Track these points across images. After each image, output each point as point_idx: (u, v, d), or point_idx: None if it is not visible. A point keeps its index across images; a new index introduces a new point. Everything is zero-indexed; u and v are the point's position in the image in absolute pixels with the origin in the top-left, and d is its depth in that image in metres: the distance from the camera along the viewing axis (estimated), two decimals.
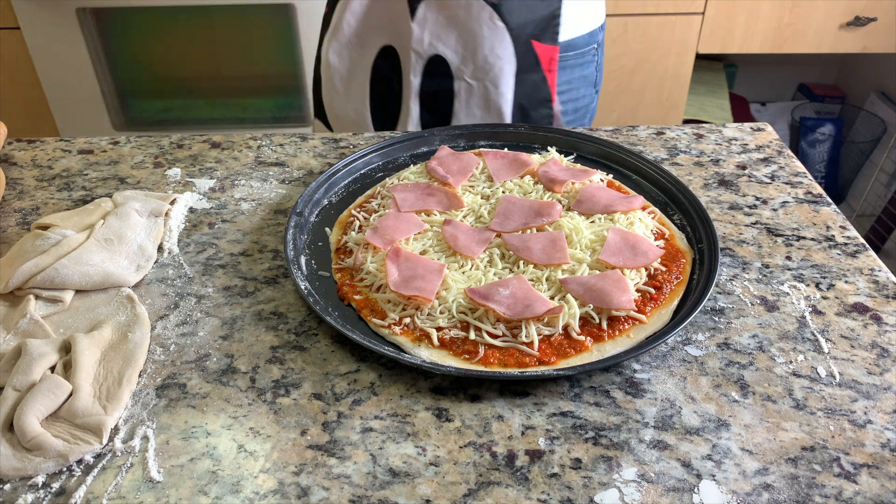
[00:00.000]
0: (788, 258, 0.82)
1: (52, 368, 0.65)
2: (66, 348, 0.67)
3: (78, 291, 0.76)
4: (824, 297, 0.76)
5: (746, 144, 1.03)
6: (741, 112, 2.57)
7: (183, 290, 0.78)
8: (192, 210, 0.91)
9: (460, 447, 0.61)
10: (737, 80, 2.66)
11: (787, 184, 0.95)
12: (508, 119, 1.15)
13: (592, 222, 0.84)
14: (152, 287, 0.79)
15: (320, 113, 1.28)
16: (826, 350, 0.70)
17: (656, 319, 0.72)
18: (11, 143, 1.05)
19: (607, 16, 1.73)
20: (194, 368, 0.69)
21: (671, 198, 0.90)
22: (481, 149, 0.99)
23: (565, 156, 0.97)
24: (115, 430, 0.62)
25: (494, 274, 0.77)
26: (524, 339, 0.69)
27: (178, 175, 0.97)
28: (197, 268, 0.81)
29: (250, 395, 0.66)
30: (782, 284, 0.78)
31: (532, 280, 0.75)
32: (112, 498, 0.57)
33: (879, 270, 0.80)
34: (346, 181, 0.94)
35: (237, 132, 1.07)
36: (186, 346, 0.71)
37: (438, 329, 0.71)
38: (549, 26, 1.13)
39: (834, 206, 0.90)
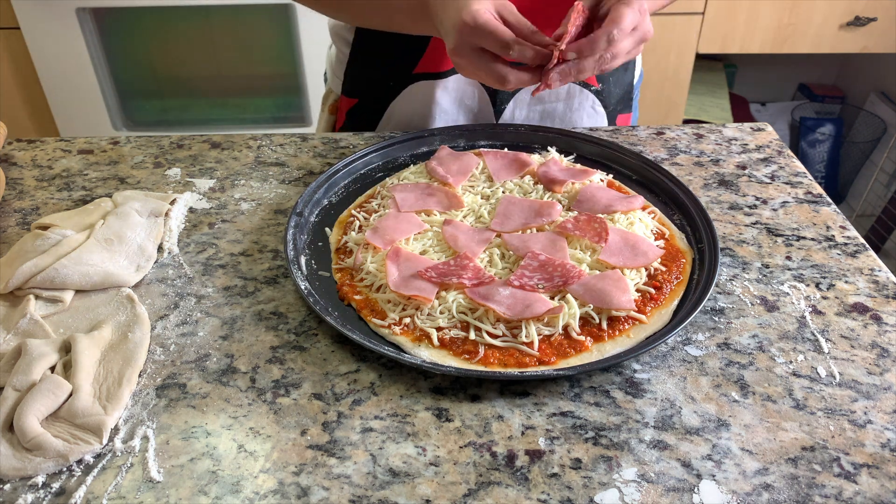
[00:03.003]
0: (788, 258, 0.82)
1: (52, 368, 0.65)
2: (66, 348, 0.67)
3: (78, 291, 0.76)
4: (824, 297, 0.76)
5: (746, 144, 1.03)
6: (741, 112, 2.57)
7: (183, 290, 0.78)
8: (192, 210, 0.91)
9: (460, 447, 0.61)
10: (737, 80, 2.66)
11: (787, 184, 0.95)
12: None
13: None
14: (152, 287, 0.79)
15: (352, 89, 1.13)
16: (826, 350, 0.70)
17: (656, 319, 0.72)
18: (11, 143, 1.05)
19: None
20: (194, 368, 0.69)
21: (671, 198, 0.90)
22: (481, 149, 0.99)
23: (565, 156, 0.97)
24: (115, 430, 0.62)
25: (494, 274, 0.77)
26: (524, 339, 0.69)
27: (178, 175, 0.97)
28: (197, 268, 0.81)
29: (250, 395, 0.66)
30: (782, 284, 0.78)
31: None
32: (112, 498, 0.57)
33: (879, 270, 0.80)
34: (346, 181, 0.94)
35: (237, 132, 1.07)
36: (186, 346, 0.71)
37: (438, 329, 0.71)
38: (627, 96, 1.15)
39: (834, 206, 0.90)
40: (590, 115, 1.11)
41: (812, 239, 0.85)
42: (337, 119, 1.16)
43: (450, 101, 1.07)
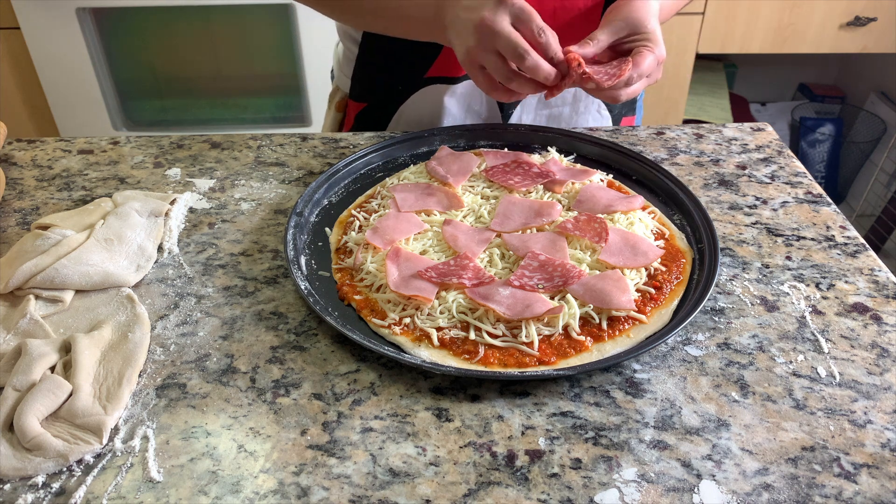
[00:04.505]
0: (788, 258, 0.82)
1: (52, 368, 0.65)
2: (66, 348, 0.67)
3: (78, 291, 0.76)
4: (824, 297, 0.76)
5: (746, 144, 1.03)
6: (741, 112, 2.57)
7: (183, 290, 0.78)
8: (192, 210, 0.91)
9: (460, 447, 0.61)
10: (737, 80, 2.66)
11: (787, 184, 0.95)
12: None
13: None
14: (152, 287, 0.79)
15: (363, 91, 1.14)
16: (826, 350, 0.70)
17: (656, 319, 0.72)
18: (11, 143, 1.05)
19: None
20: (194, 368, 0.69)
21: (671, 198, 0.90)
22: (481, 149, 0.99)
23: (565, 156, 0.97)
24: (115, 430, 0.62)
25: (495, 274, 0.77)
26: (524, 339, 0.69)
27: (178, 175, 0.97)
28: (197, 268, 0.81)
29: (250, 395, 0.66)
30: (782, 284, 0.78)
31: None
32: (112, 498, 0.57)
33: (879, 270, 0.80)
34: (346, 181, 0.94)
35: (237, 132, 1.07)
36: (186, 346, 0.71)
37: (438, 329, 0.71)
38: (631, 100, 1.14)
39: (834, 206, 0.90)
40: (595, 119, 1.12)
41: (812, 239, 0.85)
42: (345, 118, 1.16)
43: (458, 105, 1.08)
